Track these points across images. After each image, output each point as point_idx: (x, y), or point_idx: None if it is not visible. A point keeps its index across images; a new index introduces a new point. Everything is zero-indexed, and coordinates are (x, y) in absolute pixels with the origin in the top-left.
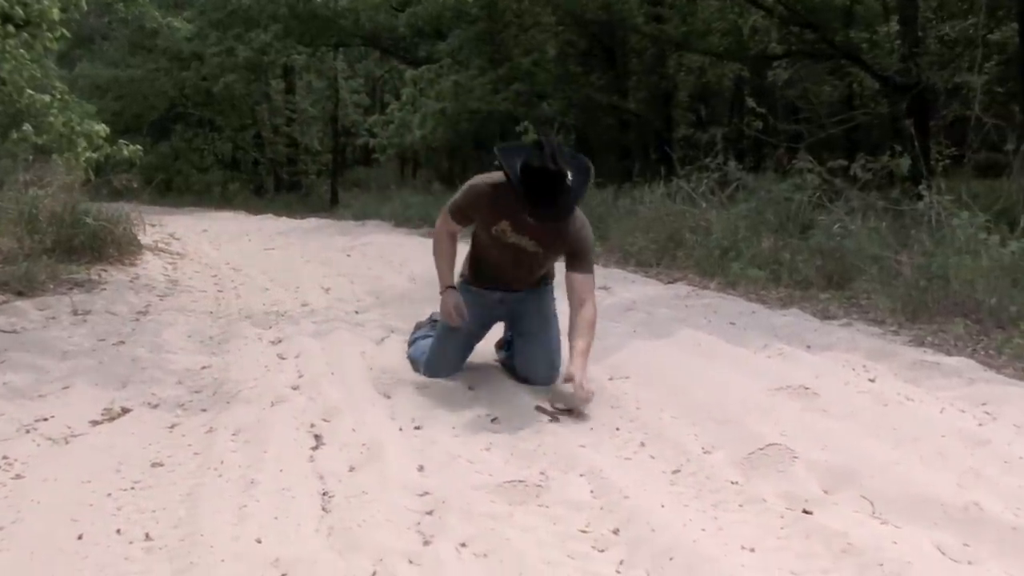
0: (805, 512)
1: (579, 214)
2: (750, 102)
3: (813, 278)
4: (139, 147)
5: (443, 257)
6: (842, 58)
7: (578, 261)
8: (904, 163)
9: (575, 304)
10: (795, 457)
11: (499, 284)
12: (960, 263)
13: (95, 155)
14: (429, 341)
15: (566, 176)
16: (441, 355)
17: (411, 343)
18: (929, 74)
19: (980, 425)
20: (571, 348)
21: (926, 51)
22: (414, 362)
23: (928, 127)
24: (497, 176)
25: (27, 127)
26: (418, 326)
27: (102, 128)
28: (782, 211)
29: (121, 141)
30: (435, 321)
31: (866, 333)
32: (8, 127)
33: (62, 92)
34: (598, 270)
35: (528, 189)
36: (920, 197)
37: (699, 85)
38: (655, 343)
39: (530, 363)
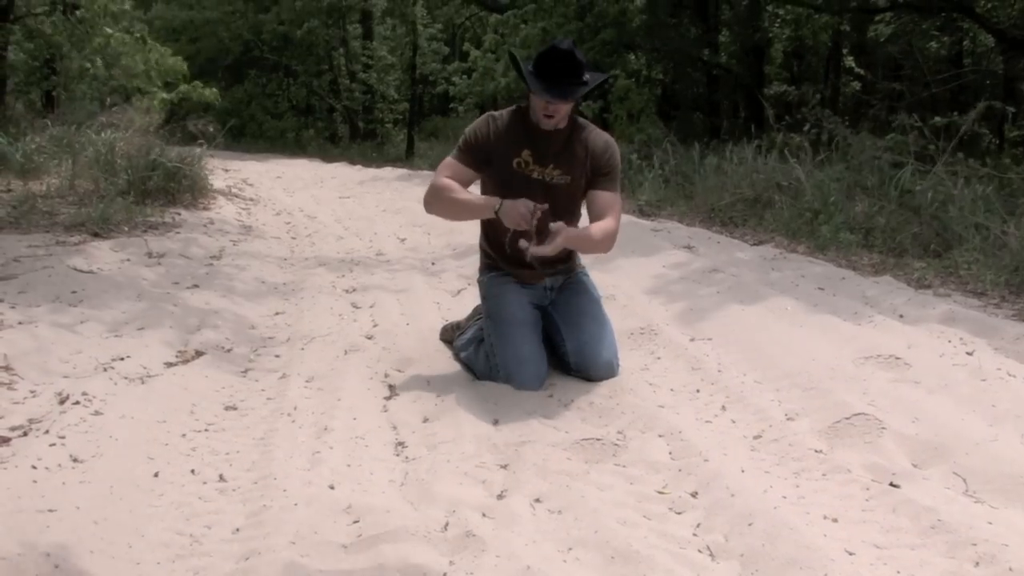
0: (892, 485)
1: (606, 138)
2: (848, 60)
3: (908, 245)
4: (216, 89)
5: (456, 192)
6: (953, 11)
7: (603, 178)
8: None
9: (595, 219)
10: (883, 428)
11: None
12: None
13: (170, 96)
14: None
15: (577, 58)
16: (514, 356)
17: (460, 347)
18: None
19: None
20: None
21: None
22: (472, 368)
23: None
24: (504, 110)
25: (99, 61)
26: (457, 328)
27: (180, 62)
28: (878, 174)
29: (195, 82)
30: (479, 319)
31: (965, 305)
32: (79, 73)
33: (141, 32)
34: (681, 227)
35: (540, 68)
36: None
37: (794, 40)
38: (739, 306)
39: (586, 346)
